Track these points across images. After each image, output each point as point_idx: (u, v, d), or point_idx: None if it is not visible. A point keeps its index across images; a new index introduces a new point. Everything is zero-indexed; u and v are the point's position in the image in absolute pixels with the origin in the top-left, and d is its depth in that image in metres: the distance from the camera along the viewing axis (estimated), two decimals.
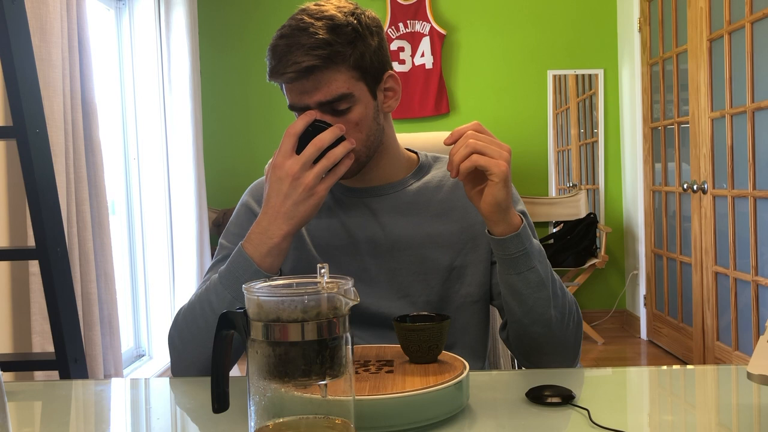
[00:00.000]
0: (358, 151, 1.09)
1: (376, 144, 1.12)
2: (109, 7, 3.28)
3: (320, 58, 1.02)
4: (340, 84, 1.04)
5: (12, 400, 0.95)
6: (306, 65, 1.02)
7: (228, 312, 0.70)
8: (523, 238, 1.00)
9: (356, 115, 1.07)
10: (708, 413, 0.86)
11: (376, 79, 1.10)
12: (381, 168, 1.17)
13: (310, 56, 1.02)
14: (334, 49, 1.03)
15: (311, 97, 1.05)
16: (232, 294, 1.01)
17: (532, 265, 1.01)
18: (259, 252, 1.01)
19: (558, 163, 4.56)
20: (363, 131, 1.09)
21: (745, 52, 2.93)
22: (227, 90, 4.51)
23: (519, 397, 0.87)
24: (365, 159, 1.11)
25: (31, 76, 1.49)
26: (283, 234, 1.01)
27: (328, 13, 1.05)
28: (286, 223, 1.01)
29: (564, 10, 4.49)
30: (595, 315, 4.50)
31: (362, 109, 1.08)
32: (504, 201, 0.96)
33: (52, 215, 1.50)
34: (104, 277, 2.50)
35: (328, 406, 0.71)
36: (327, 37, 1.02)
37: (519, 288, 1.02)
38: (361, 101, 1.08)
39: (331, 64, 1.03)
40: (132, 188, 3.39)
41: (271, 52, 1.05)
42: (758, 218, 2.91)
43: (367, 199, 1.18)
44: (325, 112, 1.06)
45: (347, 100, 1.06)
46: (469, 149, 0.95)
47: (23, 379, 1.98)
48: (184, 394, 0.97)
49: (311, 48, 1.02)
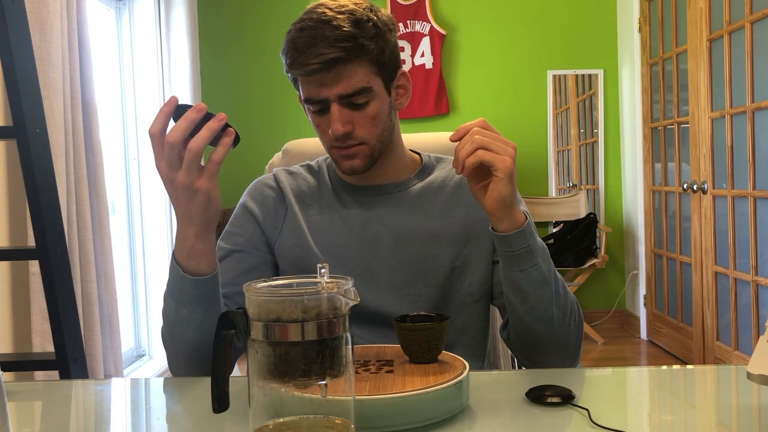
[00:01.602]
0: (372, 145, 1.10)
1: (388, 140, 1.13)
2: (109, 7, 3.28)
3: (345, 51, 1.03)
4: (360, 78, 1.05)
5: (12, 400, 0.95)
6: (332, 57, 1.02)
7: (228, 312, 0.70)
8: (527, 235, 1.00)
9: (373, 110, 1.08)
10: (708, 413, 0.86)
11: (392, 75, 1.12)
12: (386, 166, 1.17)
13: (336, 48, 1.02)
14: (358, 42, 1.03)
15: (331, 89, 1.05)
16: (176, 301, 0.98)
17: (535, 262, 1.01)
18: (182, 256, 0.96)
19: (558, 163, 4.56)
20: (378, 126, 1.10)
21: (745, 52, 2.93)
22: (227, 90, 4.51)
23: (519, 397, 0.87)
24: (378, 154, 1.12)
25: (31, 76, 1.49)
26: (193, 236, 0.94)
27: (348, 8, 1.06)
28: (191, 224, 0.93)
29: (564, 10, 4.49)
30: (595, 315, 4.50)
31: (379, 104, 1.09)
32: (509, 197, 0.96)
33: (52, 215, 1.50)
34: (104, 277, 2.50)
35: (328, 406, 0.71)
36: (352, 30, 1.03)
37: (522, 285, 1.02)
38: (379, 96, 1.09)
39: (355, 57, 1.04)
40: (132, 188, 3.39)
41: (290, 44, 1.05)
42: (758, 218, 2.91)
43: (370, 197, 1.18)
44: (344, 105, 1.06)
45: (366, 94, 1.06)
46: (474, 145, 0.95)
47: (23, 379, 1.98)
48: (184, 394, 0.97)
49: (336, 40, 1.02)
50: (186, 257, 0.95)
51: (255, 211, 1.19)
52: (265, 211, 1.19)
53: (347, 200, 1.18)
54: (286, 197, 1.20)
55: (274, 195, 1.21)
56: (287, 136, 3.70)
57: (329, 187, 1.21)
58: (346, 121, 1.07)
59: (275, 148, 1.69)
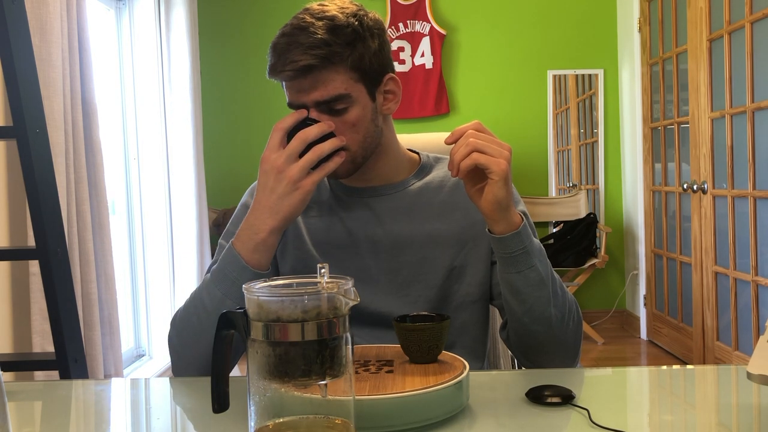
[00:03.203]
0: (354, 151, 1.09)
1: (373, 146, 1.12)
2: (109, 7, 3.28)
3: (317, 58, 1.03)
4: (337, 84, 1.05)
5: (12, 400, 0.95)
6: (303, 64, 1.02)
7: (228, 312, 0.70)
8: (523, 237, 1.00)
9: (353, 116, 1.07)
10: (708, 413, 0.86)
11: (376, 81, 1.10)
12: (381, 168, 1.17)
13: (308, 55, 1.02)
14: (332, 50, 1.03)
15: (308, 95, 1.05)
16: (222, 291, 1.01)
17: (532, 263, 1.01)
18: (246, 248, 1.01)
19: (558, 163, 4.56)
20: (360, 132, 1.09)
21: (745, 52, 2.93)
22: (227, 90, 4.51)
23: (519, 397, 0.87)
24: (361, 160, 1.12)
25: (31, 76, 1.49)
26: (269, 229, 1.01)
27: (329, 14, 1.05)
28: (272, 217, 1.00)
29: (564, 10, 4.48)
30: (595, 315, 4.50)
31: (360, 110, 1.08)
32: (504, 199, 0.97)
33: (52, 215, 1.50)
34: (104, 277, 2.50)
35: (328, 406, 0.71)
36: (325, 37, 1.03)
37: (519, 286, 1.02)
38: (359, 102, 1.08)
39: (329, 64, 1.04)
40: (132, 188, 3.39)
41: (271, 49, 1.06)
42: (758, 218, 2.91)
43: (368, 198, 1.18)
44: (323, 111, 1.06)
45: (344, 100, 1.06)
46: (469, 148, 0.95)
47: (23, 379, 1.98)
48: (184, 394, 0.97)
49: (309, 47, 1.02)
50: (251, 249, 1.01)
51: None
52: None
53: (346, 202, 1.18)
54: None
55: None
56: None
57: (328, 189, 1.21)
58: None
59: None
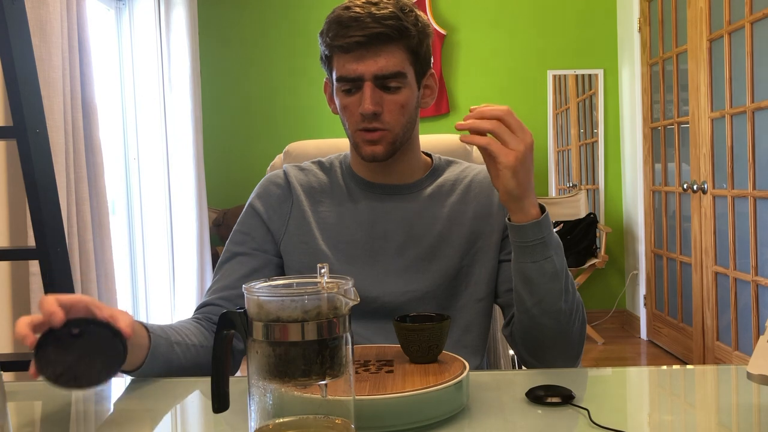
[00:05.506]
0: (396, 133, 1.12)
1: (410, 133, 1.16)
2: (109, 7, 3.28)
3: (390, 28, 1.06)
4: (398, 61, 1.08)
5: (12, 400, 0.95)
6: (377, 31, 1.05)
7: (228, 312, 0.70)
8: (543, 227, 1.00)
9: (403, 97, 1.11)
10: (708, 413, 0.86)
11: (424, 70, 1.15)
12: (402, 164, 1.19)
13: (381, 24, 1.06)
14: (403, 24, 1.07)
15: (368, 66, 1.07)
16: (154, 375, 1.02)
17: (549, 254, 1.01)
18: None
19: (558, 163, 4.56)
20: (405, 115, 1.12)
21: (745, 52, 2.93)
22: (227, 90, 4.51)
23: (519, 397, 0.87)
24: (399, 144, 1.14)
25: (31, 76, 1.49)
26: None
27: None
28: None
29: (564, 10, 4.48)
30: (595, 315, 4.50)
31: (409, 92, 1.12)
32: (514, 190, 0.96)
33: (52, 215, 1.50)
34: (104, 277, 2.50)
35: (328, 406, 0.71)
36: (397, 12, 1.07)
37: (533, 277, 1.01)
38: (410, 85, 1.12)
39: (398, 37, 1.07)
40: (132, 188, 3.39)
41: (335, 20, 1.08)
42: (758, 218, 2.91)
43: (382, 195, 1.19)
44: (377, 86, 1.08)
45: (400, 79, 1.09)
46: (491, 126, 0.95)
47: (23, 379, 1.98)
48: (184, 394, 0.97)
49: (382, 18, 1.06)
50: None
51: (260, 210, 1.20)
52: (270, 209, 1.20)
53: (358, 197, 1.19)
54: (294, 192, 1.20)
55: (279, 192, 1.21)
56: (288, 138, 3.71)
57: (340, 183, 1.22)
58: (377, 102, 1.09)
59: (276, 150, 1.70)
